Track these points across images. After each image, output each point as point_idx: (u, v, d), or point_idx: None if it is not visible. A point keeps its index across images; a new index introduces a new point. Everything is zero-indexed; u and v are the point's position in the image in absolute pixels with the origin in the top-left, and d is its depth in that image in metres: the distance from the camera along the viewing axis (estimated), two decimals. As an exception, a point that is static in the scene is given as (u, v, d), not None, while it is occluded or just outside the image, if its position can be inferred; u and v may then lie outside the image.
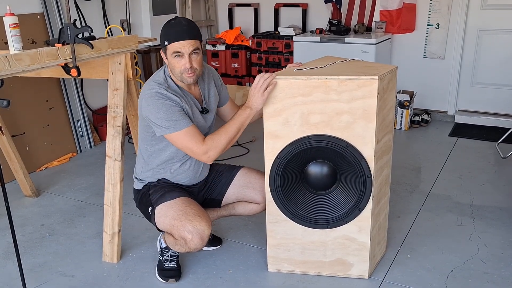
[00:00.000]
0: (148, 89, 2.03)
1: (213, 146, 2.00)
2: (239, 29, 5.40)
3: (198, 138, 2.00)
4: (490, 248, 2.51)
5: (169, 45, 2.00)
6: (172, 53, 2.00)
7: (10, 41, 1.99)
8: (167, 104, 1.98)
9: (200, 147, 1.99)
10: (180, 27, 2.00)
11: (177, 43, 1.98)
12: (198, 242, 2.01)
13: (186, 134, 1.98)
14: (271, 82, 1.98)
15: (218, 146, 2.01)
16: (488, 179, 3.35)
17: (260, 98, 1.99)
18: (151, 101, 1.99)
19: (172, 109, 1.98)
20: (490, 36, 4.40)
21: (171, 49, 2.00)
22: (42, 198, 3.26)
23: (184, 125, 1.98)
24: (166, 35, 2.01)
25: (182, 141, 2.00)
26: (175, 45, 1.99)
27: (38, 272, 2.41)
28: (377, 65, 2.21)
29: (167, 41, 2.00)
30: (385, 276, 2.30)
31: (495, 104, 4.54)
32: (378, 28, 4.71)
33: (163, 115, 1.97)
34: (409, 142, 4.19)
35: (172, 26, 2.01)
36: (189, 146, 2.00)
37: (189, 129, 1.99)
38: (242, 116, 2.03)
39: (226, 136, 2.02)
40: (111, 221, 2.42)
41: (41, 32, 3.72)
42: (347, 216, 2.13)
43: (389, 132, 2.21)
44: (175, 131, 1.98)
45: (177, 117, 1.98)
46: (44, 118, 3.80)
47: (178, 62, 2.01)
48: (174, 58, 2.00)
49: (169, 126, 1.98)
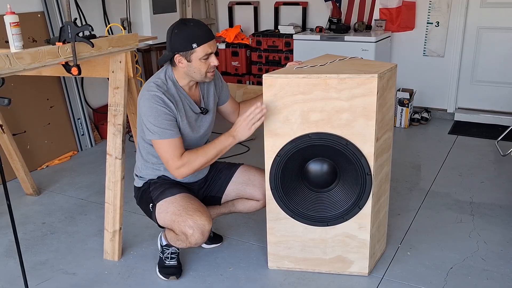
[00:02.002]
0: (146, 90, 2.03)
1: (187, 164, 2.03)
2: (239, 27, 5.40)
3: (177, 152, 2.02)
4: (489, 245, 2.52)
5: (198, 48, 1.97)
6: (203, 56, 1.99)
7: (10, 40, 1.99)
8: (160, 110, 1.99)
9: (175, 162, 2.02)
10: (202, 27, 2.00)
11: (207, 44, 1.98)
12: (199, 237, 2.02)
13: (168, 145, 2.01)
14: (260, 118, 2.00)
15: (192, 165, 2.03)
16: (487, 177, 3.36)
17: (246, 131, 2.01)
18: (147, 103, 2.01)
19: (164, 116, 2.00)
20: (490, 34, 4.41)
21: (202, 52, 1.98)
22: (43, 196, 3.27)
23: (169, 135, 2.01)
24: (191, 39, 1.97)
25: (162, 150, 2.04)
26: (205, 47, 1.98)
27: (40, 270, 2.42)
28: (377, 63, 2.22)
29: (195, 44, 1.97)
30: (385, 273, 2.31)
31: (494, 102, 4.54)
32: (377, 26, 4.71)
33: (154, 120, 1.99)
34: (408, 140, 4.19)
35: (194, 29, 1.98)
36: (166, 156, 2.03)
37: (173, 141, 2.02)
38: (223, 144, 2.04)
39: (203, 159, 2.04)
40: (112, 219, 2.43)
41: (42, 31, 3.73)
42: (347, 213, 2.14)
43: (389, 130, 2.21)
44: (159, 138, 2.01)
45: (165, 126, 2.00)
46: (45, 116, 3.81)
47: (205, 63, 2.02)
48: (201, 60, 2.00)
49: (155, 132, 2.01)
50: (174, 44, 2.00)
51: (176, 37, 1.99)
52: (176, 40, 1.99)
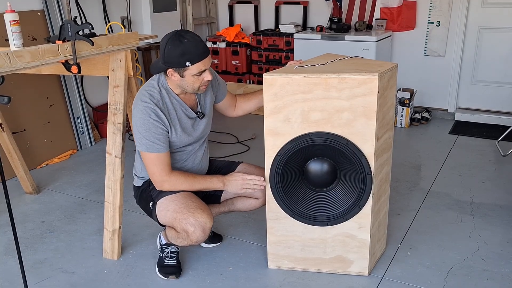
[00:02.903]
0: (140, 100, 2.03)
1: (172, 184, 2.07)
2: (239, 26, 5.40)
3: (164, 167, 2.05)
4: (489, 246, 2.52)
5: (192, 66, 1.95)
6: (196, 73, 1.97)
7: (10, 38, 1.99)
8: (152, 123, 1.99)
9: (162, 176, 2.06)
10: (197, 44, 1.95)
11: (201, 62, 1.96)
12: (200, 235, 2.02)
13: (155, 159, 2.04)
14: (254, 189, 2.11)
15: (175, 186, 2.09)
16: (488, 177, 3.35)
17: (237, 189, 2.11)
18: (139, 114, 2.01)
19: (154, 130, 2.00)
20: (491, 34, 4.40)
21: (196, 69, 1.96)
22: (42, 195, 3.26)
23: (157, 150, 2.02)
24: (185, 56, 1.93)
25: (148, 162, 2.06)
26: (199, 65, 1.96)
27: (39, 268, 2.41)
28: (378, 63, 2.21)
29: (189, 62, 1.94)
30: (385, 273, 2.31)
31: (495, 102, 4.53)
32: (378, 25, 4.70)
33: (144, 132, 2.00)
34: (409, 140, 4.19)
35: (188, 46, 1.93)
36: (152, 169, 2.06)
37: (160, 155, 2.03)
38: (212, 184, 2.13)
39: (187, 186, 2.09)
40: (112, 218, 2.42)
41: (42, 29, 3.72)
42: (347, 213, 2.14)
43: (389, 129, 2.21)
44: (146, 151, 2.03)
45: (154, 140, 2.00)
46: (44, 115, 3.80)
47: (198, 79, 2.00)
48: (194, 76, 1.99)
49: (143, 144, 2.02)
50: (167, 59, 1.96)
51: (170, 52, 1.94)
52: (169, 56, 1.95)
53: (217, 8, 5.73)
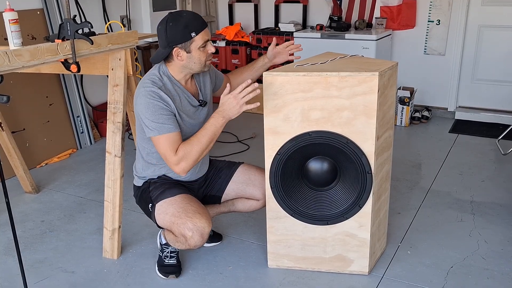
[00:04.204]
0: (142, 87, 2.01)
1: (185, 157, 1.96)
2: (239, 25, 5.39)
3: (174, 147, 1.96)
4: (490, 245, 2.51)
5: (197, 36, 1.96)
6: (202, 44, 1.98)
7: (9, 37, 1.98)
8: (157, 105, 1.96)
9: (174, 157, 1.96)
10: (195, 15, 2.00)
11: (203, 31, 1.98)
12: (198, 240, 2.01)
13: (166, 140, 1.96)
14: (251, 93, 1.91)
15: (190, 157, 1.96)
16: (488, 176, 3.35)
17: (236, 109, 1.93)
18: (143, 100, 1.97)
19: (161, 111, 1.96)
20: (491, 32, 4.39)
21: (201, 40, 1.97)
22: (42, 194, 3.26)
23: (167, 130, 1.95)
24: (189, 28, 1.94)
25: (161, 146, 1.98)
26: (203, 34, 1.98)
27: (39, 268, 2.41)
28: (378, 61, 2.21)
29: (194, 33, 1.95)
30: (385, 272, 2.30)
31: (495, 101, 4.53)
32: (378, 24, 4.70)
33: (151, 116, 1.95)
34: (409, 139, 4.19)
35: (188, 18, 1.97)
36: (165, 153, 1.98)
37: (171, 135, 1.96)
38: (214, 126, 1.97)
39: (198, 148, 1.97)
40: (111, 217, 2.42)
41: (41, 28, 3.71)
42: (347, 212, 2.14)
43: (390, 128, 2.21)
44: (158, 134, 1.96)
45: (163, 121, 1.95)
46: (44, 114, 3.80)
47: (203, 51, 2.01)
48: (200, 48, 1.99)
49: (153, 128, 1.96)
50: (172, 37, 1.96)
51: (173, 29, 1.95)
52: (173, 33, 1.95)
53: (216, 6, 5.73)
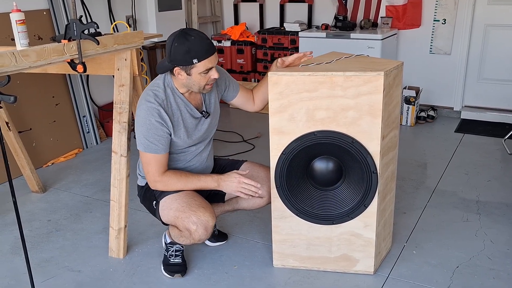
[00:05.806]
0: (145, 99, 2.03)
1: (164, 183, 2.08)
2: (244, 25, 5.39)
3: (159, 168, 2.06)
4: (496, 244, 2.50)
5: (199, 63, 1.93)
6: (203, 71, 1.96)
7: (16, 37, 1.99)
8: (153, 124, 1.99)
9: (155, 176, 2.06)
10: (203, 41, 1.94)
11: (208, 59, 1.95)
12: (202, 233, 2.02)
13: (152, 159, 2.05)
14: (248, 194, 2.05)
15: (168, 186, 2.09)
16: (494, 175, 3.34)
17: (232, 189, 2.06)
18: (143, 113, 2.01)
19: (155, 130, 2.00)
20: (497, 32, 4.37)
21: (203, 67, 1.95)
22: (48, 193, 3.28)
23: (154, 150, 2.03)
24: (192, 54, 1.92)
25: (144, 161, 2.07)
26: (206, 62, 1.95)
27: (45, 267, 2.42)
28: (383, 61, 2.20)
29: (196, 59, 1.92)
30: (390, 272, 2.30)
31: (501, 100, 4.51)
32: (384, 23, 4.68)
33: (145, 132, 2.01)
34: (415, 138, 4.17)
35: (195, 43, 1.92)
36: (147, 168, 2.07)
37: (157, 156, 2.04)
38: (206, 184, 2.09)
39: (180, 185, 2.08)
40: (117, 217, 2.43)
41: (47, 29, 3.73)
42: (352, 212, 2.13)
43: (395, 128, 2.20)
44: (144, 151, 2.04)
45: (153, 140, 2.01)
46: (50, 114, 3.82)
47: (204, 77, 1.99)
48: (201, 74, 1.97)
49: (141, 143, 2.03)
50: (174, 57, 1.95)
51: (176, 50, 1.93)
52: (176, 54, 1.94)
53: (222, 6, 5.73)
